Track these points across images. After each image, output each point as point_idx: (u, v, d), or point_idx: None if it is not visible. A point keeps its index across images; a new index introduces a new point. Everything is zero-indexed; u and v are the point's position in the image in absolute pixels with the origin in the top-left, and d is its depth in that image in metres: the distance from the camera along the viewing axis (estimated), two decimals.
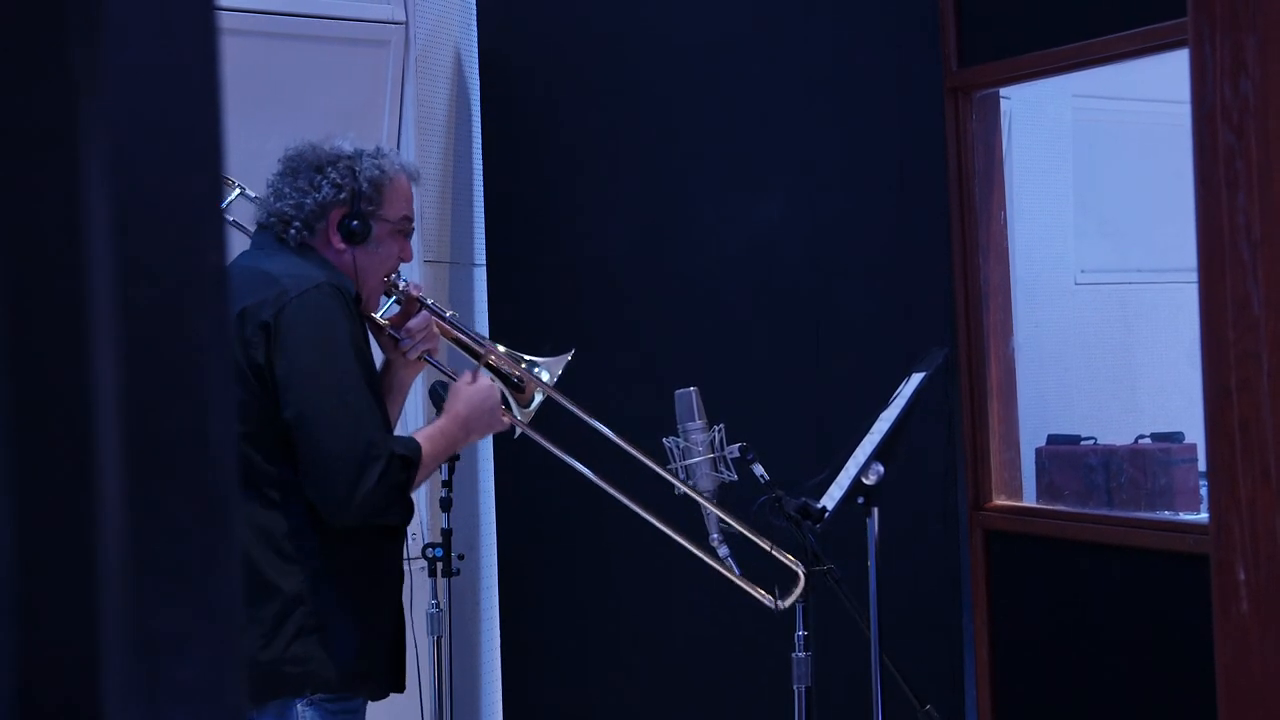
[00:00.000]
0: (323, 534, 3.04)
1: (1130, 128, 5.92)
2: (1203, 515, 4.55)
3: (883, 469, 3.36)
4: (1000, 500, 4.58)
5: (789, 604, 3.27)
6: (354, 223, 3.16)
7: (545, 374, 3.40)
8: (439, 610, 3.98)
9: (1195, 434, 4.79)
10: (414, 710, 3.93)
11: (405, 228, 3.25)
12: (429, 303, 3.31)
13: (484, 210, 5.10)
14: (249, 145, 4.01)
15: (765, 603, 3.29)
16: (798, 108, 4.76)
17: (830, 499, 3.39)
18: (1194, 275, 2.13)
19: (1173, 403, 5.62)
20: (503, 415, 3.29)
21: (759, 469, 3.29)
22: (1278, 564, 1.99)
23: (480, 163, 5.10)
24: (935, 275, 4.61)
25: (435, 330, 3.29)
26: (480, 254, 5.14)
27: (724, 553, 3.34)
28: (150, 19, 0.78)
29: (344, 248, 3.17)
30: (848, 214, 4.72)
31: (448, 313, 3.36)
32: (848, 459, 3.47)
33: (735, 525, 3.33)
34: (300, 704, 3.02)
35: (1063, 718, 4.40)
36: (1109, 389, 5.85)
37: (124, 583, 0.75)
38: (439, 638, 3.97)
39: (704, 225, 4.82)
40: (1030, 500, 4.79)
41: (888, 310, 4.66)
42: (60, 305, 0.75)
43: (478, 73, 5.10)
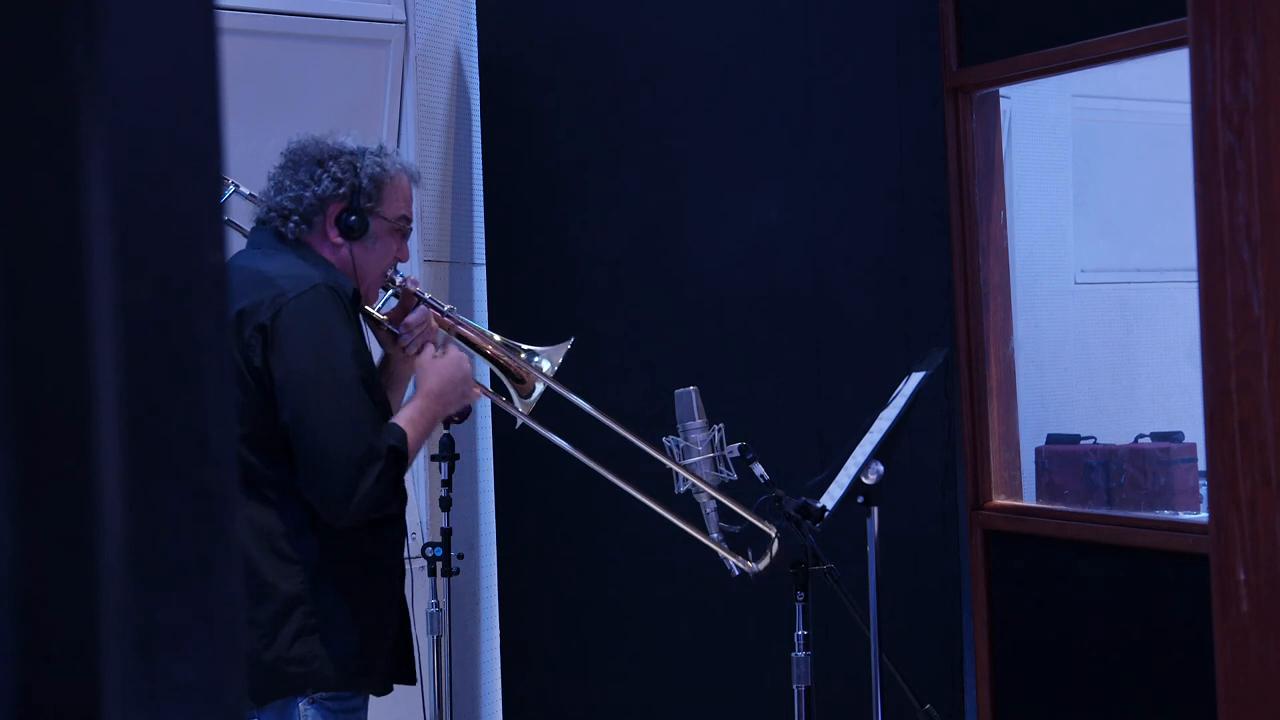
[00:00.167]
0: (321, 534, 3.04)
1: (1130, 128, 5.92)
2: (1203, 515, 4.55)
3: (882, 468, 3.36)
4: (1000, 500, 4.58)
5: (764, 566, 3.28)
6: (352, 218, 3.16)
7: (545, 363, 3.40)
8: (439, 610, 3.98)
9: (1195, 434, 4.80)
10: (414, 710, 3.93)
11: (403, 227, 3.25)
12: (427, 297, 3.32)
13: (484, 210, 5.10)
14: (249, 145, 4.01)
15: (742, 566, 3.29)
16: (798, 108, 4.76)
17: (830, 499, 3.39)
18: (1194, 275, 2.13)
19: (1173, 403, 5.62)
20: (476, 386, 3.29)
21: (759, 468, 3.29)
22: (1278, 564, 1.98)
23: (480, 163, 5.10)
24: (935, 275, 4.61)
25: (434, 324, 3.29)
26: (480, 253, 5.14)
27: (724, 553, 3.34)
28: (150, 19, 0.78)
29: (341, 242, 3.17)
30: (848, 214, 4.72)
31: (445, 306, 3.36)
32: (847, 458, 3.47)
33: (719, 497, 3.32)
34: (302, 703, 3.02)
35: (1063, 718, 4.40)
36: (1109, 389, 5.85)
37: (124, 582, 0.75)
38: (439, 637, 3.97)
39: (704, 225, 4.82)
40: (1030, 500, 4.79)
41: (888, 310, 4.66)
42: (60, 305, 0.75)
43: (478, 73, 5.10)
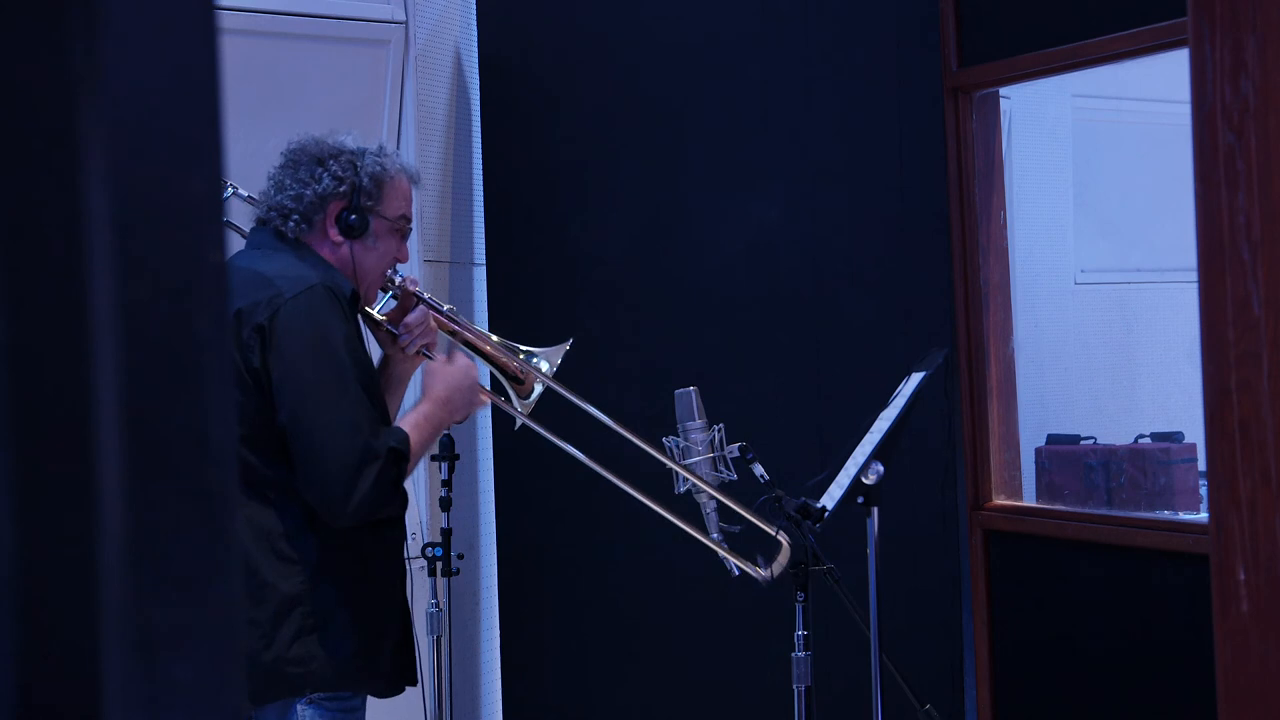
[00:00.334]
0: (320, 534, 3.03)
1: (1130, 128, 5.92)
2: (1203, 515, 4.55)
3: (882, 468, 3.36)
4: (1000, 500, 4.58)
5: (776, 573, 3.27)
6: (352, 216, 3.16)
7: (544, 364, 3.40)
8: (439, 610, 3.97)
9: (1195, 434, 4.79)
10: (414, 710, 3.93)
11: (402, 227, 3.25)
12: (426, 297, 3.31)
13: (484, 210, 5.10)
14: (249, 145, 4.01)
15: (744, 568, 3.28)
16: (798, 108, 4.76)
17: (830, 499, 3.39)
18: (1194, 275, 2.13)
19: (1173, 403, 5.62)
20: (482, 393, 3.29)
21: (759, 468, 3.29)
22: (1278, 564, 1.98)
23: (480, 163, 5.10)
24: (935, 275, 4.61)
25: (433, 325, 3.29)
26: (480, 254, 5.14)
27: (723, 552, 3.34)
28: (150, 19, 0.77)
29: (341, 241, 3.17)
30: (848, 214, 4.72)
31: (445, 306, 3.36)
32: (847, 459, 3.46)
33: (721, 498, 3.32)
34: (300, 704, 3.02)
35: (1062, 718, 4.40)
36: (1109, 389, 5.85)
37: (124, 582, 0.75)
38: (439, 637, 3.97)
39: (704, 225, 4.82)
40: (1030, 500, 4.79)
41: (888, 310, 4.66)
42: (60, 305, 0.75)
43: (478, 73, 5.10)
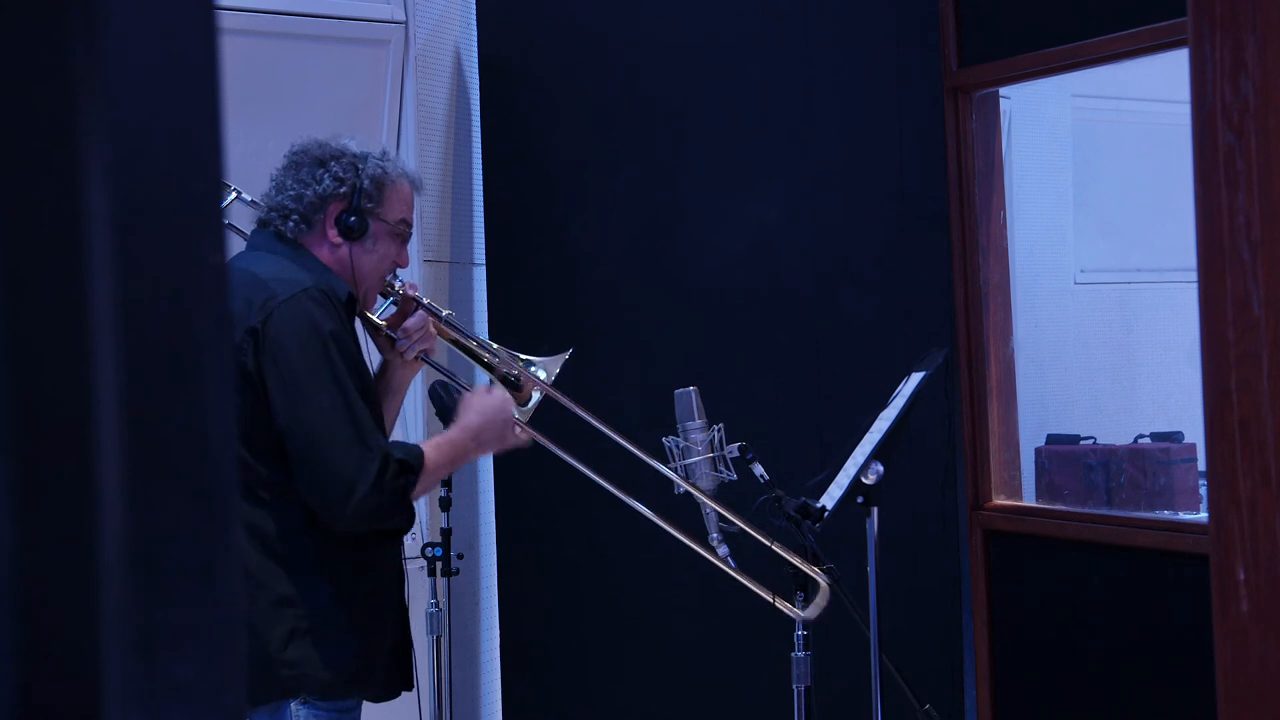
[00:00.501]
0: (318, 537, 3.02)
1: (1130, 128, 5.92)
2: (1202, 515, 4.55)
3: (882, 468, 3.36)
4: (1000, 500, 4.58)
5: (815, 614, 3.27)
6: (352, 218, 3.15)
7: (542, 373, 3.39)
8: (439, 610, 3.97)
9: (1195, 434, 4.79)
10: (414, 710, 3.93)
11: (403, 231, 3.24)
12: (425, 302, 3.31)
13: (484, 210, 5.10)
14: (249, 145, 4.01)
15: (790, 614, 3.28)
16: (798, 108, 4.76)
17: (830, 499, 3.39)
18: (1194, 275, 2.13)
19: (1172, 403, 5.62)
20: (518, 430, 3.27)
21: (759, 469, 3.29)
22: (1278, 564, 1.98)
23: (480, 163, 5.10)
24: (935, 275, 4.61)
25: (432, 330, 3.28)
26: (480, 254, 5.13)
27: (723, 552, 3.33)
28: (150, 19, 0.77)
29: (340, 243, 3.16)
30: (848, 214, 4.72)
31: (444, 312, 3.35)
32: (847, 459, 3.46)
33: (754, 532, 3.32)
34: (294, 705, 3.01)
35: (1062, 717, 4.40)
36: (1109, 389, 5.85)
37: (124, 582, 0.75)
38: (438, 637, 3.97)
39: (703, 226, 4.82)
40: (1030, 500, 4.79)
41: (888, 310, 4.66)
42: (60, 305, 0.75)
43: (478, 73, 5.10)
